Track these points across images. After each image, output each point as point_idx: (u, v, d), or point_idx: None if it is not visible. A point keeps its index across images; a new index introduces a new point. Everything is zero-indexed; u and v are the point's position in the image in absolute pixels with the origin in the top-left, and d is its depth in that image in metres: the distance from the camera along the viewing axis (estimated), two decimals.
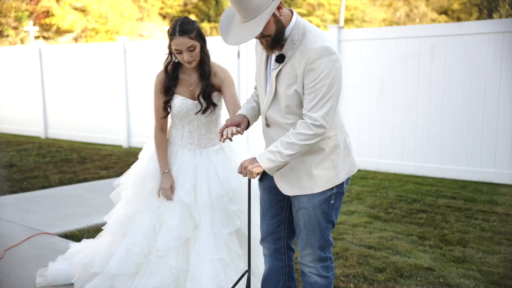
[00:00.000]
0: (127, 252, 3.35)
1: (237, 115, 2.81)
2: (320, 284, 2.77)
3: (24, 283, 3.82)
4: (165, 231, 3.31)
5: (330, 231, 2.76)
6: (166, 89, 3.39)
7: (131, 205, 3.45)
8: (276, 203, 2.88)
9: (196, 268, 3.28)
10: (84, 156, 9.68)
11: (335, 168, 2.63)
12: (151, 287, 3.27)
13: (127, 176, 3.63)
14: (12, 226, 5.23)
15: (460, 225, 5.26)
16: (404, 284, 3.84)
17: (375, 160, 8.17)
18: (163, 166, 3.44)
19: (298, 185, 2.65)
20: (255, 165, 2.56)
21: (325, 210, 2.67)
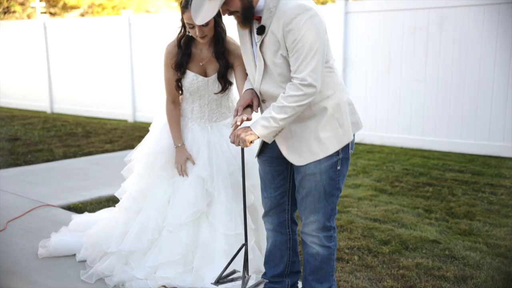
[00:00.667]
0: (142, 228, 3.31)
1: (246, 93, 2.72)
2: (322, 255, 2.72)
3: (26, 254, 3.80)
4: (179, 206, 3.26)
5: (337, 199, 2.69)
6: (178, 65, 3.24)
7: (144, 180, 3.38)
8: (278, 174, 2.81)
9: (208, 244, 3.24)
10: (89, 130, 9.65)
11: (341, 127, 2.56)
12: (160, 262, 3.24)
13: (138, 150, 3.54)
14: (15, 198, 5.22)
15: (467, 198, 5.19)
16: (409, 257, 3.79)
17: (382, 134, 8.07)
18: (176, 140, 3.35)
19: (308, 152, 2.57)
20: (249, 133, 2.49)
21: (332, 176, 2.60)
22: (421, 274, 3.51)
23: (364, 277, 3.47)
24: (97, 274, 3.35)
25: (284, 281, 2.98)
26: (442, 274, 3.49)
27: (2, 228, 4.34)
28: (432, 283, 3.36)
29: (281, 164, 2.77)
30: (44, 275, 3.46)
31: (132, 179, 3.50)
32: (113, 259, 3.36)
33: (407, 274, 3.50)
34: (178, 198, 3.29)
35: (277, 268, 2.96)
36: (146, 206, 3.35)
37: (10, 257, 3.75)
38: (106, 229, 3.54)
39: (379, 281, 3.40)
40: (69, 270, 3.53)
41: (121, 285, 3.27)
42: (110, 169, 6.64)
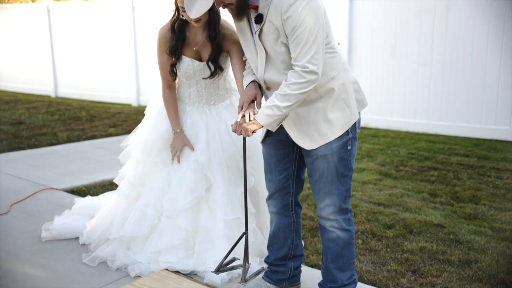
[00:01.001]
0: (141, 214, 3.29)
1: (249, 88, 2.67)
2: (343, 239, 2.68)
3: (30, 237, 3.80)
4: (177, 192, 3.24)
5: (350, 180, 2.65)
6: (173, 50, 3.16)
7: (141, 166, 3.35)
8: (284, 157, 2.78)
9: (209, 229, 3.22)
10: (92, 114, 9.63)
11: (348, 107, 2.53)
12: (160, 248, 3.23)
13: (135, 135, 3.50)
14: (19, 182, 5.21)
15: (472, 183, 5.15)
16: (413, 241, 3.77)
17: (387, 118, 8.01)
18: (175, 126, 3.30)
19: (319, 135, 2.54)
20: (250, 122, 2.48)
21: (343, 157, 2.57)
22: (425, 258, 3.48)
23: (368, 261, 3.45)
24: (99, 258, 3.35)
25: (287, 264, 2.96)
26: (447, 258, 3.47)
27: (5, 211, 4.34)
28: (436, 267, 3.34)
29: (287, 147, 2.73)
30: (47, 258, 3.46)
31: (130, 165, 3.47)
32: (115, 244, 3.35)
33: (411, 258, 3.48)
34: (176, 183, 3.26)
35: (280, 251, 2.94)
36: (144, 191, 3.33)
37: (13, 239, 3.75)
38: (108, 217, 3.52)
39: (383, 265, 3.38)
40: (72, 253, 3.53)
41: (124, 268, 3.27)
42: (114, 153, 6.60)
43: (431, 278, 3.19)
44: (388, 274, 3.25)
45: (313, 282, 3.05)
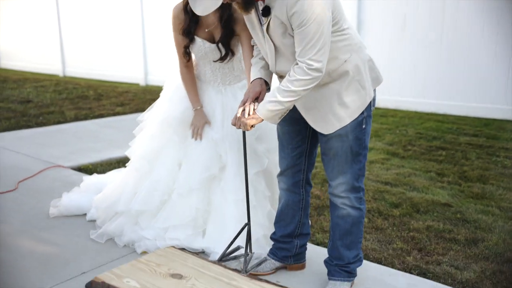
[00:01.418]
0: (151, 189, 3.29)
1: (255, 84, 2.64)
2: (353, 216, 2.67)
3: (37, 213, 3.83)
4: (191, 170, 3.23)
5: (364, 158, 2.62)
6: (186, 32, 3.12)
7: (156, 141, 3.34)
8: (297, 134, 2.76)
9: (220, 209, 3.21)
10: (100, 93, 9.63)
11: (363, 88, 2.49)
12: (169, 224, 3.23)
13: (152, 112, 3.48)
14: (27, 159, 5.24)
15: (480, 162, 5.11)
16: (419, 219, 3.75)
17: (396, 98, 7.95)
18: (195, 103, 3.27)
19: (335, 119, 2.51)
20: (250, 116, 2.48)
21: (358, 136, 2.55)
22: (432, 236, 3.47)
23: (373, 239, 3.44)
24: (107, 234, 3.36)
25: (293, 241, 2.96)
26: (453, 236, 3.46)
27: (13, 188, 4.36)
28: (443, 245, 3.33)
29: (300, 124, 2.71)
30: (54, 234, 3.48)
31: (144, 140, 3.45)
32: (123, 219, 3.35)
33: (417, 236, 3.47)
34: (190, 161, 3.25)
35: (287, 228, 2.93)
36: (157, 167, 3.32)
37: (21, 216, 3.78)
38: (117, 190, 3.52)
39: (388, 243, 3.38)
40: (79, 229, 3.55)
41: (131, 244, 3.28)
42: (121, 131, 6.64)
43: (437, 257, 3.18)
44: (394, 252, 3.25)
45: (319, 260, 3.05)
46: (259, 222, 3.20)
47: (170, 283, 2.75)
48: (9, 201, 4.08)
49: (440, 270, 3.00)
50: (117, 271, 2.88)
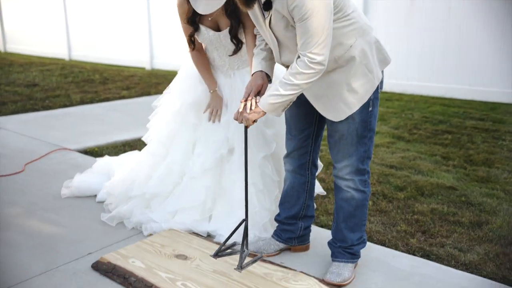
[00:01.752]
0: (167, 171, 3.31)
1: (256, 77, 2.62)
2: (357, 199, 2.67)
3: (44, 195, 3.86)
4: (203, 151, 3.25)
5: (370, 141, 2.62)
6: (191, 21, 3.11)
7: (171, 126, 3.36)
8: (305, 117, 2.76)
9: (228, 192, 3.23)
10: (106, 77, 9.64)
11: (371, 72, 2.48)
12: (177, 208, 3.26)
13: (166, 97, 3.48)
14: (33, 142, 5.27)
15: (486, 146, 5.10)
16: (424, 202, 3.76)
17: (402, 82, 7.92)
18: (211, 84, 3.26)
19: (345, 106, 2.51)
20: (251, 111, 2.47)
21: (364, 118, 2.54)
22: (436, 219, 3.48)
23: (378, 221, 3.46)
24: (118, 217, 3.38)
25: (297, 223, 2.97)
26: (457, 219, 3.46)
27: (20, 170, 4.40)
28: (446, 228, 3.34)
29: (308, 107, 2.70)
30: (61, 215, 3.51)
31: (159, 125, 3.46)
32: (135, 201, 3.38)
33: (422, 219, 3.48)
34: (202, 143, 3.26)
35: (291, 210, 2.95)
36: (172, 150, 3.34)
37: (28, 197, 3.82)
38: (131, 174, 3.51)
39: (393, 226, 3.39)
40: (86, 211, 3.58)
41: (139, 226, 3.31)
42: (127, 115, 6.66)
43: (440, 239, 3.19)
44: (397, 234, 3.26)
45: (323, 242, 3.07)
46: (266, 207, 3.22)
47: (175, 263, 2.78)
48: (17, 183, 4.12)
49: (444, 252, 3.02)
50: (122, 251, 2.91)
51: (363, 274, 2.75)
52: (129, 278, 2.62)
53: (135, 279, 2.60)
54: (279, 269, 2.72)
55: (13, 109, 6.87)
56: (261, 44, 2.69)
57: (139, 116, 6.36)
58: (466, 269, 2.84)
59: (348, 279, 2.66)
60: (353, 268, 2.74)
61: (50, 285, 2.62)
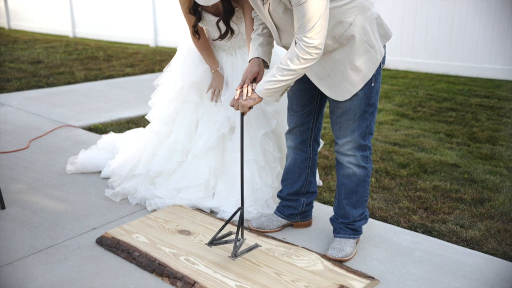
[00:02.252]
0: (170, 150, 3.32)
1: (253, 64, 2.62)
2: (358, 175, 2.68)
3: (48, 171, 3.89)
4: (205, 130, 3.25)
5: (371, 116, 2.62)
6: (193, 11, 3.07)
7: (173, 105, 3.36)
8: (307, 93, 2.75)
9: (230, 170, 3.24)
10: (110, 54, 9.61)
11: (373, 48, 2.46)
12: (182, 186, 3.28)
13: (166, 75, 3.47)
14: (38, 119, 5.29)
15: (491, 124, 5.08)
16: (427, 179, 3.76)
17: (407, 59, 7.87)
18: (212, 64, 3.24)
19: (350, 85, 2.50)
20: (247, 97, 2.48)
21: (366, 94, 2.54)
22: (438, 196, 3.49)
23: (380, 198, 3.47)
24: (122, 193, 3.41)
25: (299, 199, 2.99)
26: (460, 196, 3.47)
27: (25, 147, 4.42)
28: (449, 205, 3.35)
29: (310, 83, 2.69)
30: (66, 191, 3.54)
31: (161, 104, 3.46)
32: (140, 179, 3.40)
33: (424, 196, 3.49)
34: (204, 122, 3.26)
35: (294, 186, 2.96)
36: (175, 129, 3.34)
37: (32, 173, 3.84)
38: (136, 154, 3.51)
39: (395, 202, 3.40)
40: (90, 187, 3.60)
41: (143, 202, 3.33)
42: (130, 92, 6.66)
43: (442, 215, 3.20)
44: (400, 211, 3.27)
45: (325, 218, 3.09)
46: (268, 183, 3.23)
47: (178, 239, 2.80)
48: (21, 159, 4.15)
49: (445, 228, 3.03)
50: (126, 227, 2.94)
51: (365, 250, 2.77)
52: (133, 253, 2.65)
53: (139, 254, 2.63)
54: (281, 245, 2.75)
55: (17, 86, 6.87)
56: (258, 28, 2.68)
57: (143, 93, 6.37)
58: (467, 245, 2.86)
59: (349, 255, 2.68)
60: (354, 244, 2.76)
61: (54, 260, 2.65)
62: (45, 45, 10.76)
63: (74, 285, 2.43)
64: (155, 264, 2.54)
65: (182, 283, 2.40)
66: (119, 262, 2.64)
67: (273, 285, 2.37)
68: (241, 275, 2.45)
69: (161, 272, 2.49)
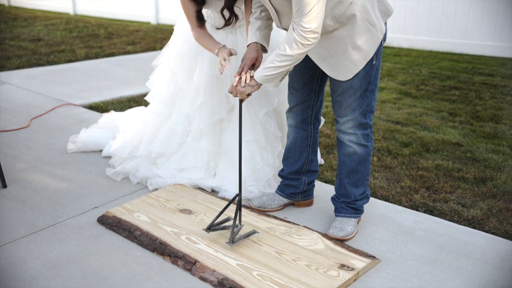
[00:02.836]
0: (170, 132, 3.31)
1: (251, 50, 2.60)
2: (359, 154, 2.67)
3: (50, 150, 3.88)
4: (200, 113, 3.21)
5: (372, 94, 2.60)
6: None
7: (172, 86, 3.33)
8: (308, 71, 2.73)
9: (230, 149, 3.22)
10: (111, 32, 9.54)
11: (374, 26, 2.43)
12: (183, 167, 3.27)
13: (164, 55, 3.43)
14: (38, 97, 5.26)
15: (494, 102, 5.05)
16: (429, 159, 3.75)
17: (411, 37, 7.79)
18: (213, 48, 2.95)
19: (352, 64, 2.47)
20: (246, 84, 2.49)
21: (368, 71, 2.51)
22: (440, 175, 3.48)
23: (382, 177, 3.46)
24: (124, 173, 3.40)
25: (300, 178, 2.98)
26: (462, 175, 3.46)
27: (26, 125, 4.41)
28: (451, 184, 3.34)
29: (311, 61, 2.67)
30: (67, 170, 3.53)
31: (160, 85, 3.42)
32: (141, 159, 3.39)
33: (426, 175, 3.47)
34: (201, 104, 3.23)
35: (295, 165, 2.95)
36: (174, 110, 3.32)
37: (34, 152, 3.83)
38: (137, 135, 3.49)
39: (397, 181, 3.39)
40: (91, 166, 3.60)
41: (144, 181, 3.33)
42: (132, 70, 6.62)
43: (444, 195, 3.19)
44: (401, 190, 3.27)
45: (326, 197, 3.09)
46: (269, 163, 3.22)
47: (179, 218, 2.80)
48: (22, 138, 4.14)
49: (447, 208, 3.02)
50: (128, 206, 2.94)
51: (366, 229, 2.77)
52: (134, 232, 2.65)
53: (140, 233, 2.64)
54: (283, 224, 2.75)
55: (18, 64, 6.83)
56: (256, 11, 2.65)
57: (145, 71, 6.32)
58: (469, 224, 2.86)
59: (351, 234, 2.68)
60: (356, 223, 2.75)
61: (55, 239, 2.66)
62: (45, 23, 10.67)
63: (76, 263, 2.44)
64: (156, 243, 2.55)
65: (183, 262, 2.40)
66: (120, 241, 2.64)
67: (274, 264, 2.38)
68: (242, 254, 2.45)
69: (162, 251, 2.49)
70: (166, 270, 2.39)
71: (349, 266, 2.36)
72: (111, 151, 3.60)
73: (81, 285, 2.27)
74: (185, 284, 2.29)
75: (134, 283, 2.29)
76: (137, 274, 2.36)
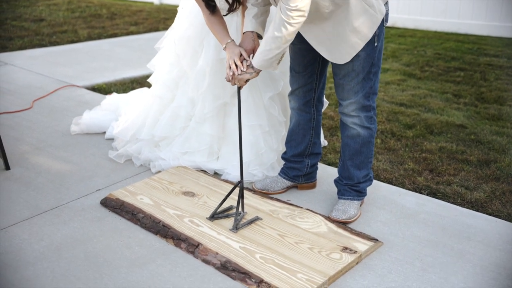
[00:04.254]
0: (173, 115, 3.29)
1: (248, 40, 2.62)
2: (363, 136, 2.65)
3: (52, 132, 3.88)
4: (204, 97, 3.20)
5: (375, 76, 2.57)
6: None
7: (176, 69, 3.30)
8: (308, 53, 2.70)
9: (234, 134, 3.21)
10: (113, 12, 9.47)
11: (371, 7, 2.39)
12: (186, 150, 3.27)
13: (168, 38, 3.39)
14: (41, 78, 5.25)
15: (499, 83, 5.00)
16: (433, 141, 3.73)
17: (415, 17, 7.70)
18: (223, 39, 2.79)
19: (350, 47, 2.44)
20: (243, 72, 2.52)
21: (369, 53, 2.48)
22: (444, 157, 3.46)
23: (385, 159, 3.45)
24: (126, 155, 3.40)
25: (304, 161, 2.97)
26: (465, 157, 3.45)
27: (29, 107, 4.40)
28: (454, 166, 3.33)
29: None
30: (70, 152, 3.53)
31: (164, 68, 3.40)
32: (144, 142, 3.38)
33: (430, 157, 3.46)
34: (206, 88, 3.21)
35: (298, 148, 2.94)
36: (178, 94, 3.30)
37: (36, 134, 3.83)
38: (139, 118, 3.47)
39: (400, 164, 3.38)
40: (94, 148, 3.60)
41: (147, 164, 3.32)
42: (135, 50, 6.58)
43: (448, 177, 3.18)
44: (405, 172, 3.26)
45: (329, 179, 3.08)
46: (273, 147, 3.21)
47: (182, 200, 2.81)
48: (25, 119, 4.13)
49: (450, 190, 3.02)
50: (131, 188, 2.94)
51: (369, 212, 2.77)
52: (137, 214, 2.66)
53: (143, 215, 2.64)
54: (286, 206, 2.75)
55: (20, 45, 6.80)
56: None
57: (148, 52, 6.28)
58: (472, 207, 2.85)
59: (353, 217, 2.68)
60: (359, 205, 2.75)
61: (59, 221, 2.67)
62: (47, 3, 10.60)
63: (79, 246, 2.45)
64: (159, 225, 2.55)
65: (186, 244, 2.41)
66: (123, 223, 2.65)
67: (276, 247, 2.38)
68: (244, 237, 2.46)
69: (165, 233, 2.50)
70: (169, 252, 2.40)
71: (352, 249, 2.36)
72: (114, 133, 3.59)
73: (84, 267, 2.29)
74: (188, 266, 2.30)
75: (137, 265, 2.30)
76: (140, 256, 2.37)
